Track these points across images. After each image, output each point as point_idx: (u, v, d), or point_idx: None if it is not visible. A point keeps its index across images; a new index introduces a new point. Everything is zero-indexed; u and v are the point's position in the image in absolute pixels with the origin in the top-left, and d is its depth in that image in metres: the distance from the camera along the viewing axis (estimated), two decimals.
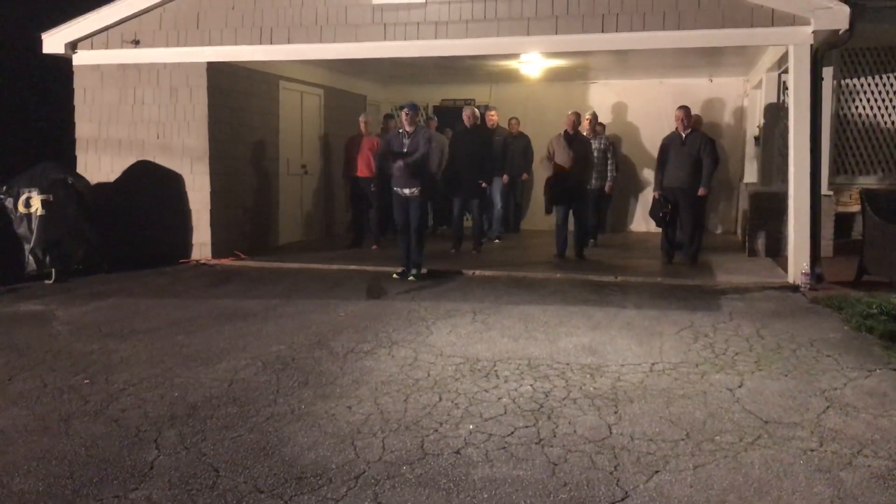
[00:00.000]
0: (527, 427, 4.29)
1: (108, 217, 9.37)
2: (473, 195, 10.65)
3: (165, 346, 5.99)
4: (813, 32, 7.94)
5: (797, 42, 8.08)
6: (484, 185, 10.62)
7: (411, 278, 8.63)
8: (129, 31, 9.76)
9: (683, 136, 9.58)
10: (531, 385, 5.00)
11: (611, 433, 4.20)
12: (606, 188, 11.38)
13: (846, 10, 7.67)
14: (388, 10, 9.00)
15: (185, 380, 5.17)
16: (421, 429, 4.28)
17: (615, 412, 4.51)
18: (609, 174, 11.38)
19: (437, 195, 11.90)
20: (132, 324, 6.73)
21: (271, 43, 9.36)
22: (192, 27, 9.59)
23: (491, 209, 11.83)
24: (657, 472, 3.73)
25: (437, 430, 4.25)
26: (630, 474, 3.70)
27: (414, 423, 4.37)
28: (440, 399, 4.74)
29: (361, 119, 11.18)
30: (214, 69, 9.78)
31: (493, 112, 12.10)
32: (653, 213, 10.03)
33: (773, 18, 8.04)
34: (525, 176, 12.46)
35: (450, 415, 4.48)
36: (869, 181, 11.18)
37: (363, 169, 10.91)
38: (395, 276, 8.76)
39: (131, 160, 10.02)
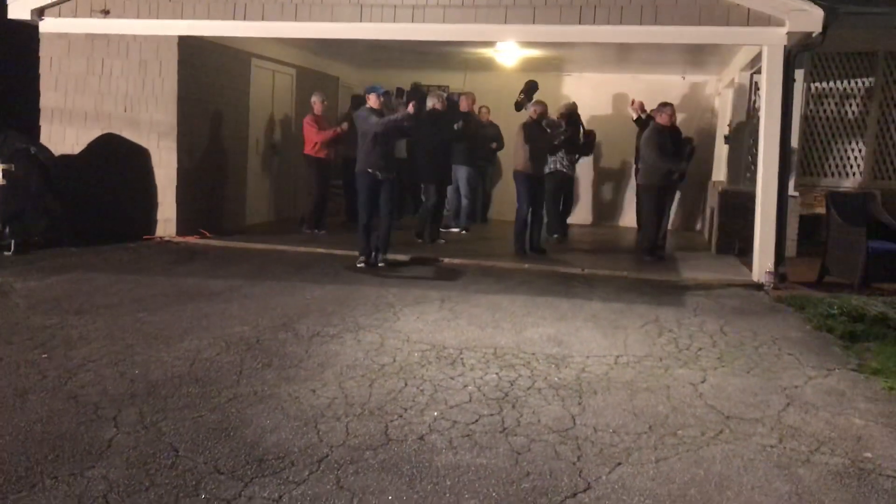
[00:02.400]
0: (491, 415, 4.29)
1: (71, 190, 9.18)
2: (438, 180, 10.47)
3: (126, 323, 5.88)
4: (787, 34, 8.00)
5: (772, 43, 8.13)
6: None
7: (381, 265, 8.45)
8: (98, 0, 9.54)
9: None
10: (496, 374, 4.99)
11: (574, 424, 4.21)
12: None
13: (820, 13, 7.74)
14: None
15: (146, 358, 5.08)
16: (385, 414, 4.25)
17: (579, 403, 4.53)
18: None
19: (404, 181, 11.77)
20: (93, 299, 6.61)
21: (245, 19, 9.18)
22: None
23: (457, 198, 11.73)
24: (619, 464, 3.74)
25: (401, 416, 4.23)
26: (593, 465, 3.71)
27: (378, 408, 4.34)
28: (405, 385, 4.72)
29: (314, 99, 10.80)
30: (185, 43, 9.59)
31: (466, 96, 11.82)
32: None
33: (749, 18, 8.09)
34: (494, 145, 12.21)
35: (415, 401, 4.46)
36: (834, 183, 11.36)
37: (309, 148, 10.64)
38: (359, 264, 8.42)
39: (97, 133, 9.80)
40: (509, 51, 11.08)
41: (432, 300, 6.96)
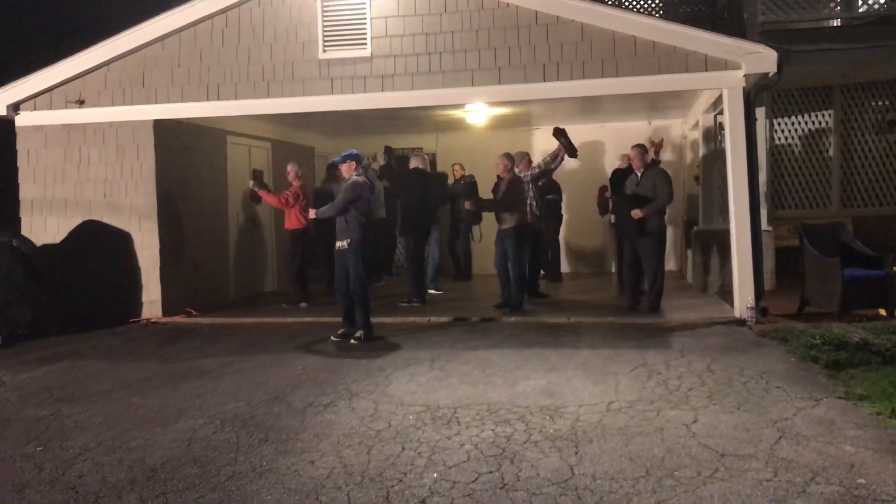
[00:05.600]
0: (490, 472, 4.33)
1: (55, 279, 9.19)
2: (421, 237, 10.50)
3: (120, 409, 5.89)
4: (744, 76, 8.31)
5: (730, 85, 8.44)
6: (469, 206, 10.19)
7: (353, 342, 7.87)
8: (73, 91, 9.73)
9: (638, 175, 9.14)
10: (492, 430, 5.04)
11: (573, 474, 4.26)
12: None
13: (774, 54, 8.06)
14: (335, 64, 9.16)
15: (143, 442, 5.09)
16: (385, 480, 4.29)
17: (576, 453, 4.58)
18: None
19: (378, 246, 11.76)
20: (84, 387, 6.60)
21: (219, 99, 9.42)
22: (137, 85, 9.61)
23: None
24: None
25: (401, 481, 4.26)
26: None
27: (378, 474, 4.37)
28: (403, 449, 4.76)
29: (289, 168, 10.69)
30: (161, 126, 9.78)
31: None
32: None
33: (707, 64, 8.40)
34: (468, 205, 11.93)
35: (413, 464, 4.50)
36: (805, 215, 11.62)
37: (291, 221, 10.45)
38: (333, 338, 8.01)
39: (78, 220, 9.88)
40: (478, 111, 11.36)
41: (422, 361, 7.01)
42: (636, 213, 8.84)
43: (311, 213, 8.47)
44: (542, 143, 13.70)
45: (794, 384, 5.81)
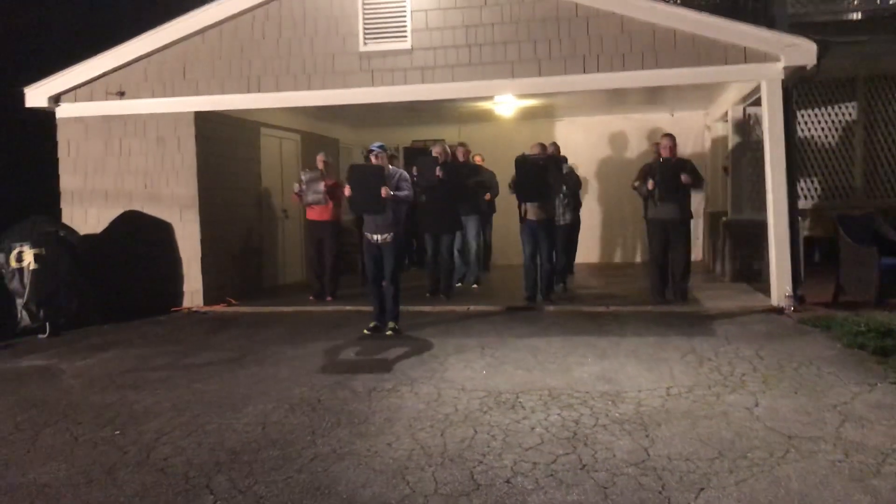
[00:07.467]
0: (567, 454, 4.46)
1: (97, 268, 9.32)
2: (450, 231, 10.39)
3: (185, 394, 6.02)
4: (783, 68, 8.42)
5: (769, 78, 8.55)
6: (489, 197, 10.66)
7: (389, 333, 7.90)
8: (114, 83, 9.85)
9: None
10: (559, 414, 5.17)
11: (648, 456, 4.40)
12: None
13: (814, 46, 8.18)
14: (376, 57, 9.27)
15: (217, 426, 5.22)
16: (466, 461, 4.42)
17: (647, 436, 4.71)
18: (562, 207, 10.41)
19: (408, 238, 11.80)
20: (142, 374, 6.74)
21: (259, 91, 9.54)
22: (178, 77, 9.73)
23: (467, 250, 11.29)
24: (703, 489, 3.93)
25: (481, 462, 4.40)
26: (678, 493, 3.90)
27: (457, 455, 4.50)
28: (475, 432, 4.89)
29: (319, 158, 10.56)
30: (201, 118, 9.91)
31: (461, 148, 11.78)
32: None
33: (746, 56, 8.51)
34: (487, 196, 11.53)
35: (489, 446, 4.63)
36: (830, 206, 11.72)
37: (321, 212, 10.22)
38: (365, 332, 7.98)
39: (118, 211, 10.03)
40: (507, 102, 11.45)
41: (472, 348, 7.14)
42: (685, 178, 8.77)
43: (385, 192, 7.71)
44: (564, 135, 13.82)
45: (845, 370, 5.95)
